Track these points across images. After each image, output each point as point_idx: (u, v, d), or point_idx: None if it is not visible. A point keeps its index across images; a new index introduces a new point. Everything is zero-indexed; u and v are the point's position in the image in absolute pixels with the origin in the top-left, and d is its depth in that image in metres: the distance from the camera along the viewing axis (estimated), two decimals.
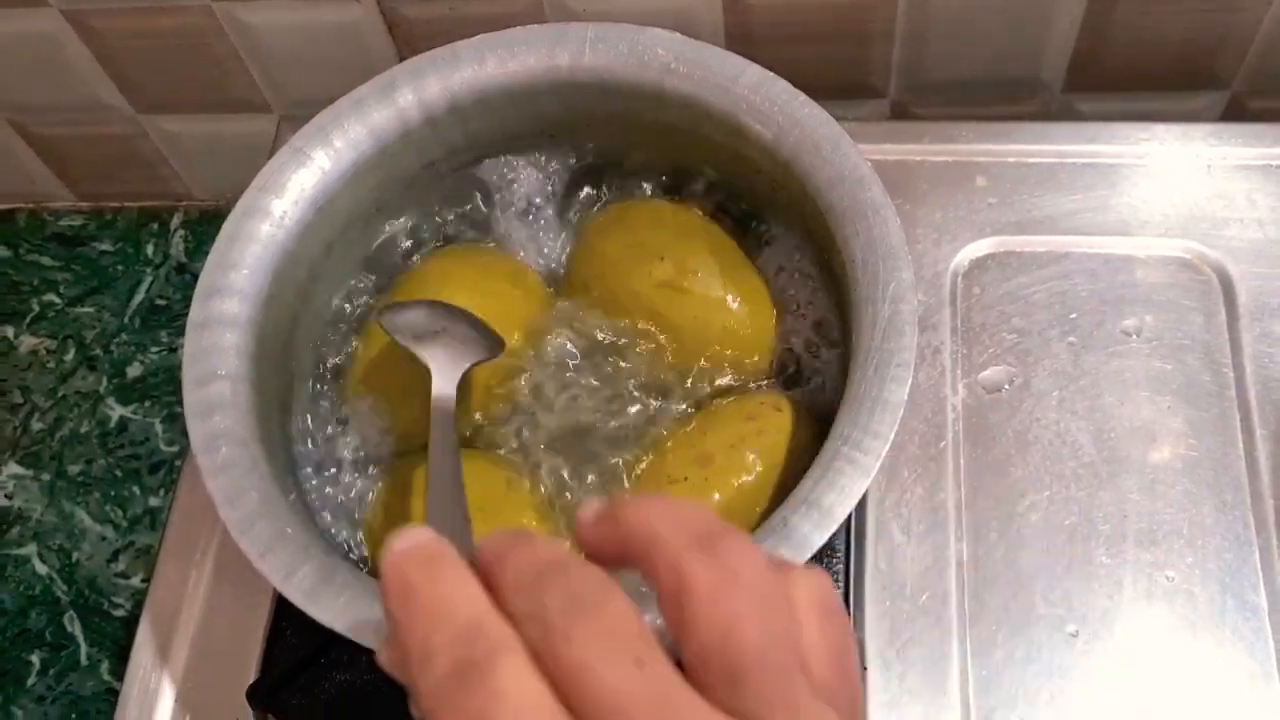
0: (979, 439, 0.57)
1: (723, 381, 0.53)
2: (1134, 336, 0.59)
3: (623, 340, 0.54)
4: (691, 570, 0.26)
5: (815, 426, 0.50)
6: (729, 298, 0.53)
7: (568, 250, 0.57)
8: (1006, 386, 0.59)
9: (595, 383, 0.53)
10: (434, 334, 0.48)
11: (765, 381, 0.53)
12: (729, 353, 0.53)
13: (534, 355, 0.54)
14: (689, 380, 0.53)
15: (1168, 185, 0.63)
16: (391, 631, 0.27)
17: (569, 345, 0.54)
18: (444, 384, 0.46)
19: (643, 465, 0.51)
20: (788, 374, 0.53)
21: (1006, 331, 0.60)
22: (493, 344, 0.50)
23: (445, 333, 0.49)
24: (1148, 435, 0.57)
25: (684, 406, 0.52)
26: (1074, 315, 0.60)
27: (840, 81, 0.71)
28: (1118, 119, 0.66)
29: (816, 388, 0.52)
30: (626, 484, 0.51)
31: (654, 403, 0.52)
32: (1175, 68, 0.70)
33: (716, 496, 0.48)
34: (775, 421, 0.49)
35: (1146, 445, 0.57)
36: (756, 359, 0.53)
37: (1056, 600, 0.53)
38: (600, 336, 0.54)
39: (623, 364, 0.53)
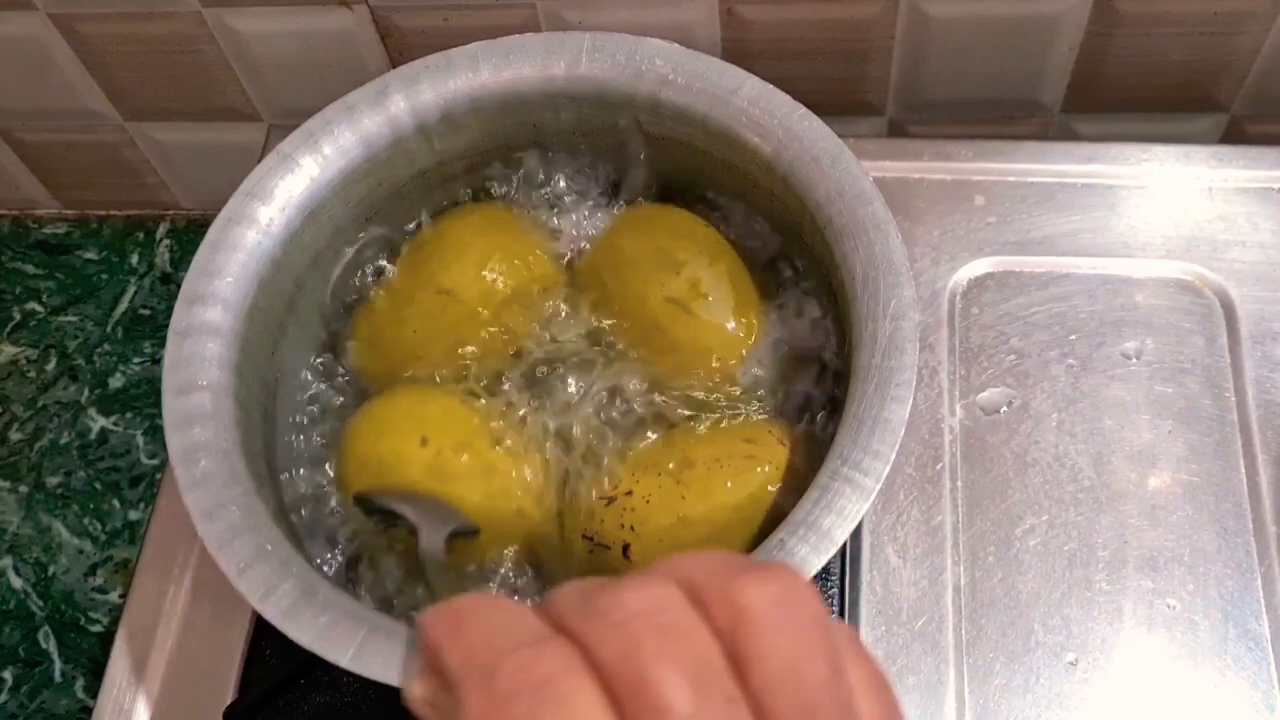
0: (977, 461, 0.56)
1: (703, 397, 0.52)
2: (1134, 359, 0.59)
3: (621, 341, 0.53)
4: (748, 599, 0.25)
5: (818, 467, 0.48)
6: (730, 327, 0.51)
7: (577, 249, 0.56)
8: (1005, 408, 0.58)
9: (588, 372, 0.53)
10: (413, 497, 0.46)
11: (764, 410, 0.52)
12: (717, 379, 0.52)
13: (536, 326, 0.54)
14: (673, 395, 0.52)
15: (1168, 207, 0.63)
16: (433, 661, 0.26)
17: (572, 328, 0.53)
18: (434, 539, 0.44)
19: (624, 450, 0.50)
20: (790, 412, 0.51)
21: (1005, 352, 0.59)
22: (469, 524, 0.48)
23: (423, 501, 0.47)
24: (1148, 459, 0.56)
25: (666, 421, 0.51)
26: (1073, 337, 0.59)
27: (837, 99, 0.70)
28: (1116, 141, 0.65)
29: (820, 428, 0.50)
30: (605, 461, 0.50)
31: (638, 408, 0.51)
32: (1174, 91, 0.69)
33: (687, 497, 0.47)
34: (774, 453, 0.48)
35: (1147, 470, 0.56)
36: (740, 392, 0.52)
37: (1055, 627, 0.52)
38: (602, 328, 0.53)
39: (617, 361, 0.52)
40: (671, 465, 0.48)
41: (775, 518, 0.46)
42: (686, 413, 0.51)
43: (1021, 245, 0.62)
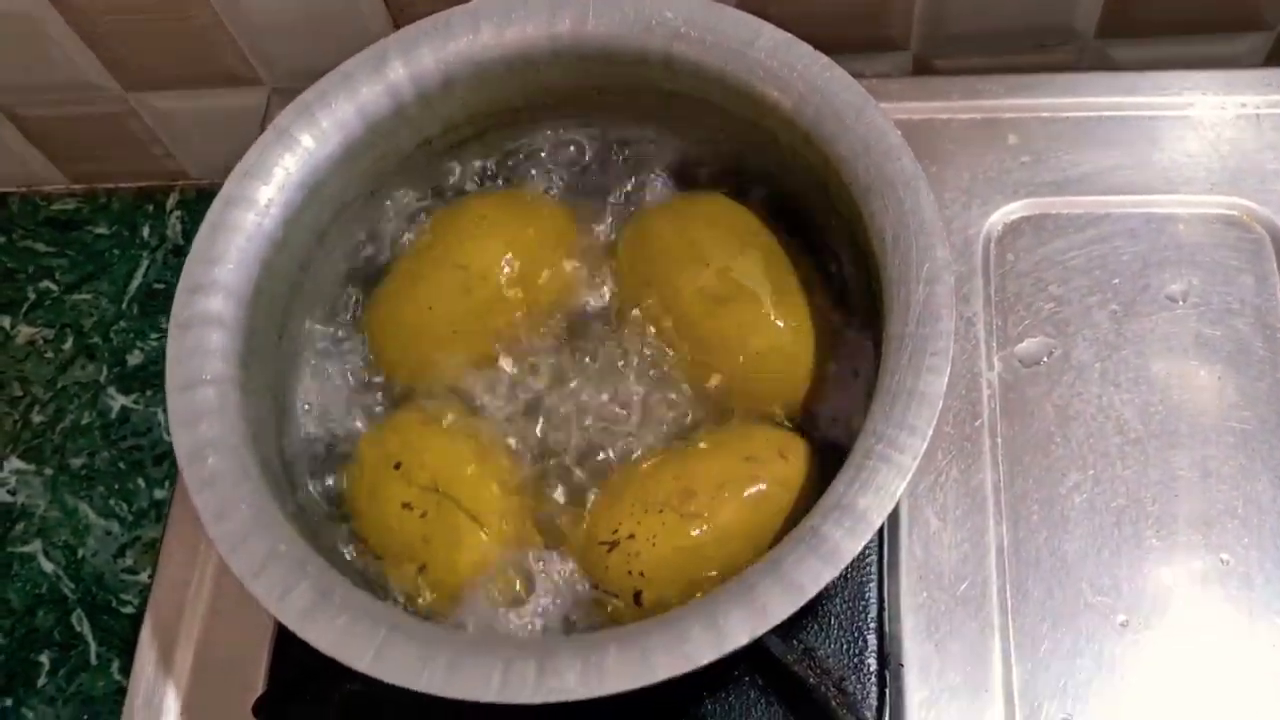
0: (1017, 416, 0.55)
1: (740, 409, 0.49)
2: (1180, 302, 0.56)
3: (649, 337, 0.51)
4: None
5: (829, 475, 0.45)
6: (766, 324, 0.48)
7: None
8: (1045, 359, 0.56)
9: (603, 368, 0.51)
10: None
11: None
12: (753, 381, 0.49)
13: (553, 321, 0.52)
14: (701, 397, 0.49)
15: (1212, 137, 0.60)
16: None
17: (593, 323, 0.52)
18: None
19: (626, 467, 0.48)
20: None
21: (1044, 300, 0.57)
22: None
23: None
24: (1197, 407, 0.54)
25: (687, 422, 0.49)
26: (1115, 280, 0.57)
27: (858, 35, 0.68)
28: (1153, 66, 0.63)
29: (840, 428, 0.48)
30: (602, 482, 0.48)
31: (658, 409, 0.49)
32: (1214, 9, 0.66)
33: (695, 533, 0.45)
34: (777, 470, 0.46)
35: (1196, 418, 0.54)
36: (782, 397, 0.49)
37: (1104, 588, 0.51)
38: (629, 328, 0.51)
39: (639, 360, 0.50)
40: (672, 498, 0.45)
41: (774, 533, 0.44)
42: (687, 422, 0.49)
43: (1058, 185, 0.59)
